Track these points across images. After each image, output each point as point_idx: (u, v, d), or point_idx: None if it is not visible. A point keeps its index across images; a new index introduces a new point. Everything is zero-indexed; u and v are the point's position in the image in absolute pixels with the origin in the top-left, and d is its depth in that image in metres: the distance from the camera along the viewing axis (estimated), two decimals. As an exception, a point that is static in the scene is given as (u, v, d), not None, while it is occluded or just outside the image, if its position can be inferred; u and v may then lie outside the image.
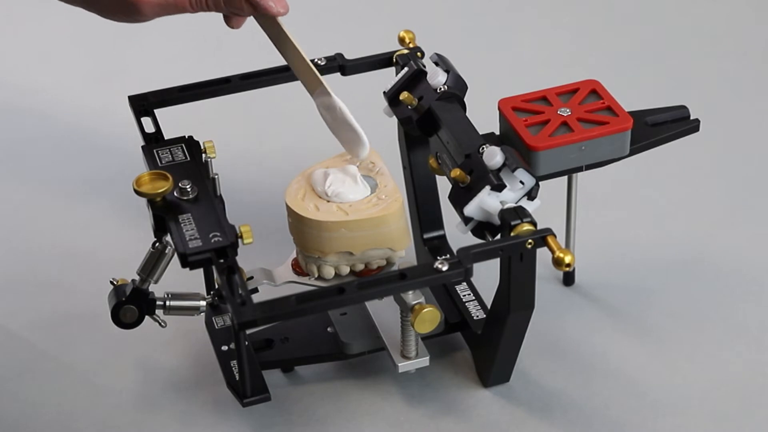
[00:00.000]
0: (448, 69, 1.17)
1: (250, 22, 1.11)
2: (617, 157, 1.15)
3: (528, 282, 1.07)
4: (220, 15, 1.09)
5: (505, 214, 1.05)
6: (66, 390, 1.18)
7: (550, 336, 1.21)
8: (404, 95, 1.15)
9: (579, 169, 1.14)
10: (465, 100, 1.16)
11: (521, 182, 1.07)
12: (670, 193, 1.38)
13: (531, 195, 1.07)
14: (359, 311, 1.18)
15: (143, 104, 1.18)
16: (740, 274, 1.27)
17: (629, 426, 1.13)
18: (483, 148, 1.08)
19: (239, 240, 1.04)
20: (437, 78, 1.15)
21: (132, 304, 1.11)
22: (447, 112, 1.14)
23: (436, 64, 1.18)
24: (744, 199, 1.37)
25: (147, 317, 1.12)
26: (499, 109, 1.16)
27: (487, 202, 1.06)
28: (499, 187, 1.06)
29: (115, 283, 1.12)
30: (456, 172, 1.08)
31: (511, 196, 1.06)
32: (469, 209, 1.07)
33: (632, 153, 1.15)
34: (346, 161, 1.14)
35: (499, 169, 1.07)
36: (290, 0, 1.08)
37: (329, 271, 1.12)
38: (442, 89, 1.15)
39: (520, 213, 1.05)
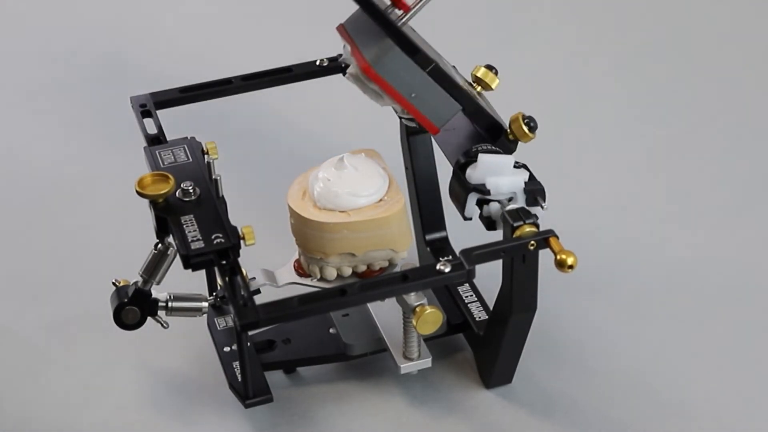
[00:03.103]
0: (450, 70, 1.17)
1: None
2: None
3: (530, 284, 1.07)
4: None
5: (508, 215, 1.05)
6: (68, 391, 1.18)
7: (552, 337, 1.21)
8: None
9: None
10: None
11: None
12: (672, 194, 1.38)
13: (537, 199, 1.06)
14: (361, 312, 1.18)
15: (145, 105, 1.18)
16: (742, 276, 1.27)
17: (631, 427, 1.13)
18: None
19: (242, 241, 1.04)
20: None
21: (134, 306, 1.11)
22: None
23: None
24: (745, 200, 1.37)
25: (149, 318, 1.12)
26: None
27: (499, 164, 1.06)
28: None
29: (117, 284, 1.12)
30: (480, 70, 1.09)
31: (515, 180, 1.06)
32: (476, 176, 1.06)
33: None
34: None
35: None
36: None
37: (331, 273, 1.12)
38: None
39: (523, 214, 1.05)
